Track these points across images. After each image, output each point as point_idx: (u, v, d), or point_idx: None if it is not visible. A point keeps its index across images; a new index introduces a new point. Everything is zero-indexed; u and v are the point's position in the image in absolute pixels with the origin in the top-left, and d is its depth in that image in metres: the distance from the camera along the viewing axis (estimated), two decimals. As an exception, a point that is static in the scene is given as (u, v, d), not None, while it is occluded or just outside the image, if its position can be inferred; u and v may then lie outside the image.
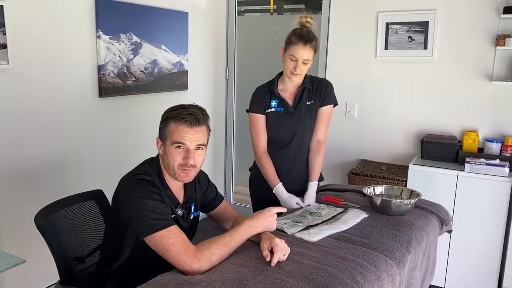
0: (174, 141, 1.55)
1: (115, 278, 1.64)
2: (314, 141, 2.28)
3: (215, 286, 1.35)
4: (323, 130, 2.28)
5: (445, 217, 2.18)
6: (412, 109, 3.34)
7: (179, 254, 1.45)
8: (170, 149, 1.57)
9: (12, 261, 1.66)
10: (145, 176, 1.56)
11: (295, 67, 2.10)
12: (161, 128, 1.61)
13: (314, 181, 2.22)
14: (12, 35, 2.35)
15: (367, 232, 1.84)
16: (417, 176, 2.97)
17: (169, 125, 1.57)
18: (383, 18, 3.32)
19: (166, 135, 1.58)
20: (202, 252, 1.46)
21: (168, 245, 1.46)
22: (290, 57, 2.10)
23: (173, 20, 3.45)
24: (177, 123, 1.55)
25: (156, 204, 1.50)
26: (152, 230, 1.47)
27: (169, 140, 1.57)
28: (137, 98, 3.23)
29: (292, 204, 2.13)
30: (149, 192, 1.51)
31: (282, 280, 1.39)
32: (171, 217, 1.54)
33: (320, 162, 2.26)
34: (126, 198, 1.52)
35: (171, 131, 1.56)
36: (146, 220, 1.47)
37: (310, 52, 2.09)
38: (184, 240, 1.48)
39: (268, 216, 1.62)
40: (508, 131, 3.06)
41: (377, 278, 1.50)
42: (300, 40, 2.07)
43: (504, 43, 2.89)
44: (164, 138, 1.59)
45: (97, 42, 2.84)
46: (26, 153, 2.53)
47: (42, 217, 1.71)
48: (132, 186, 1.53)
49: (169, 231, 1.47)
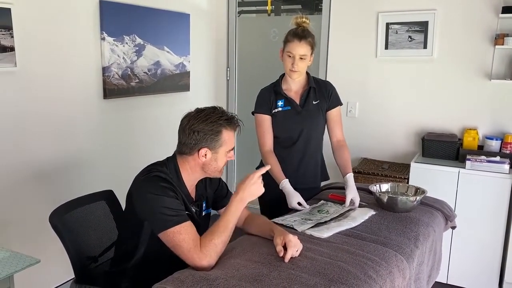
0: (230, 148, 1.67)
1: (130, 276, 1.66)
2: (334, 141, 2.35)
3: (232, 282, 1.38)
4: (339, 129, 2.35)
5: (450, 213, 2.22)
6: (413, 108, 3.38)
7: (188, 250, 1.49)
8: (223, 155, 1.66)
9: (27, 261, 1.67)
10: (160, 173, 1.60)
11: (293, 64, 2.17)
12: (211, 137, 1.62)
13: (350, 173, 2.24)
14: (19, 38, 2.37)
15: (375, 228, 1.87)
16: (418, 173, 3.01)
17: (223, 133, 1.63)
18: (383, 18, 3.36)
19: (220, 143, 1.64)
20: (207, 247, 1.50)
21: (179, 241, 1.50)
22: (288, 54, 2.18)
23: (175, 21, 3.47)
24: (232, 131, 1.66)
25: (171, 200, 1.53)
26: (166, 226, 1.50)
27: (224, 147, 1.65)
28: (141, 99, 3.26)
29: (293, 202, 2.13)
30: (164, 188, 1.55)
31: (297, 276, 1.43)
32: (185, 213, 1.57)
33: (347, 156, 2.30)
34: (141, 194, 1.56)
35: (227, 139, 1.65)
36: (161, 216, 1.51)
37: (306, 48, 2.16)
38: (195, 236, 1.52)
39: (251, 184, 1.63)
40: (507, 128, 3.11)
41: (388, 273, 1.53)
42: (295, 37, 2.15)
43: (503, 42, 2.94)
44: (216, 147, 1.64)
45: (101, 44, 2.86)
46: (32, 154, 2.55)
47: (56, 217, 1.73)
48: (148, 182, 1.57)
49: (181, 227, 1.51)
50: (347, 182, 2.18)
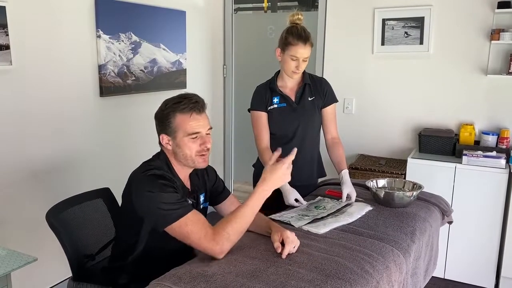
0: (189, 132, 1.58)
1: (129, 271, 1.66)
2: (329, 139, 2.36)
3: (229, 278, 1.38)
4: (333, 127, 2.36)
5: (446, 208, 2.23)
6: (409, 104, 3.39)
7: (199, 239, 1.48)
8: (183, 140, 1.59)
9: (24, 259, 1.67)
10: (156, 171, 1.59)
11: (297, 66, 2.18)
12: (165, 124, 1.60)
13: (344, 169, 2.24)
14: (15, 36, 2.36)
15: (372, 223, 1.88)
16: (415, 169, 3.02)
17: (175, 118, 1.58)
18: (379, 14, 3.36)
19: (174, 129, 1.59)
20: (219, 234, 1.48)
21: (187, 233, 1.49)
22: (291, 57, 2.16)
23: (171, 19, 3.46)
24: (188, 114, 1.57)
25: (170, 195, 1.52)
26: (169, 222, 1.50)
27: (181, 132, 1.58)
28: (137, 97, 3.25)
29: (290, 198, 2.13)
30: (161, 185, 1.54)
31: (294, 271, 1.43)
32: (187, 203, 1.56)
33: (342, 153, 2.32)
34: (140, 194, 1.55)
35: (181, 124, 1.58)
36: (161, 213, 1.50)
37: (309, 49, 2.18)
38: (203, 225, 1.50)
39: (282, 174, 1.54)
40: (503, 123, 3.12)
41: (385, 268, 1.54)
42: (300, 40, 2.14)
43: (498, 37, 2.94)
44: (172, 132, 1.60)
45: (97, 41, 2.85)
46: (29, 152, 2.55)
47: (53, 214, 1.73)
48: (145, 182, 1.56)
49: (186, 219, 1.50)
50: (343, 178, 2.20)
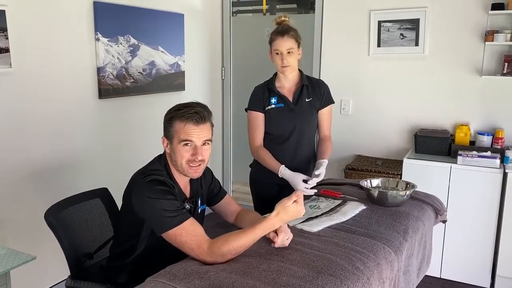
0: (182, 139, 1.60)
1: (128, 270, 1.70)
2: (321, 136, 2.43)
3: (222, 275, 1.41)
4: (326, 127, 2.42)
5: (440, 208, 2.25)
6: (405, 105, 3.42)
7: (192, 250, 1.52)
8: (177, 147, 1.62)
9: (23, 258, 1.71)
10: (157, 176, 1.61)
11: (282, 59, 2.23)
12: (167, 128, 1.65)
13: (324, 159, 2.27)
14: (14, 39, 2.40)
15: (365, 222, 1.91)
16: (411, 169, 3.05)
17: (174, 124, 1.61)
18: (375, 16, 3.40)
19: (172, 134, 1.62)
20: (215, 251, 1.49)
21: (181, 242, 1.53)
22: (275, 51, 2.25)
23: (169, 21, 3.50)
24: (184, 122, 1.60)
25: (169, 202, 1.55)
26: (165, 229, 1.53)
27: (176, 139, 1.61)
28: (136, 99, 3.29)
29: (298, 182, 2.17)
30: (161, 192, 1.56)
31: (286, 268, 1.46)
32: (185, 211, 1.59)
33: (328, 147, 2.36)
34: (139, 199, 1.58)
35: (178, 130, 1.61)
36: (160, 219, 1.54)
37: (290, 41, 2.22)
38: (197, 236, 1.52)
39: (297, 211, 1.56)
40: (498, 123, 3.15)
41: (376, 265, 1.57)
42: (278, 34, 2.23)
43: (492, 38, 2.97)
44: (170, 137, 1.64)
45: (96, 44, 2.89)
46: (29, 154, 2.58)
47: (52, 214, 1.76)
48: (145, 187, 1.58)
49: (181, 229, 1.52)
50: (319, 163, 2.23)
